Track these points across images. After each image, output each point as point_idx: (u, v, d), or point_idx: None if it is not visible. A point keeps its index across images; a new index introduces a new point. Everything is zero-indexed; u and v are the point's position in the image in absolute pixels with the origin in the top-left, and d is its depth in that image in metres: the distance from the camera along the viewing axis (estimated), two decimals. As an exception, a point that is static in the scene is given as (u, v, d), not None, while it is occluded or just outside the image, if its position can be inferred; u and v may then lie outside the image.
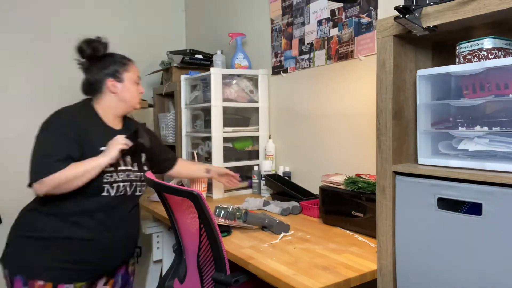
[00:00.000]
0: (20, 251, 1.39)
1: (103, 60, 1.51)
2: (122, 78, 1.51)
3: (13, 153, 2.66)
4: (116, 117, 1.54)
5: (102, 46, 1.51)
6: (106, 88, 1.49)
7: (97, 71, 1.49)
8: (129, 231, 1.52)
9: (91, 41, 1.50)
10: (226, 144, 2.26)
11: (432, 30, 0.90)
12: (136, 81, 1.55)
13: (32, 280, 1.35)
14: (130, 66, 1.55)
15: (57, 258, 1.37)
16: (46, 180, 1.30)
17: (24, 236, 1.40)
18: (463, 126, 0.91)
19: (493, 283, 0.80)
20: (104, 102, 1.50)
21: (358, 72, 1.80)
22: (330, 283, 1.04)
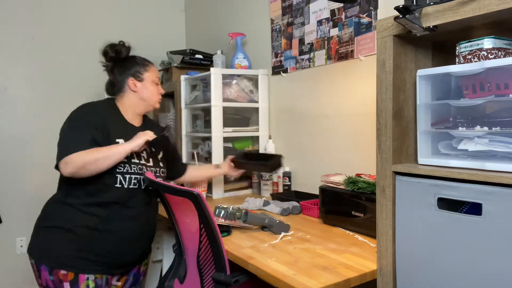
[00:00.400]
0: (45, 241, 1.45)
1: (125, 61, 1.60)
2: (142, 78, 1.60)
3: (13, 153, 2.66)
4: (136, 115, 1.62)
5: (125, 49, 1.61)
6: (127, 87, 1.58)
7: (120, 72, 1.59)
8: (146, 225, 1.56)
9: (114, 45, 1.61)
10: (226, 144, 2.26)
11: (432, 30, 0.90)
12: (155, 82, 1.63)
13: (56, 269, 1.41)
14: (150, 67, 1.63)
15: (78, 248, 1.43)
16: (72, 158, 1.36)
17: (48, 226, 1.47)
18: (463, 126, 0.91)
19: (493, 283, 0.80)
20: (125, 101, 1.59)
21: (358, 72, 1.80)
22: (330, 283, 1.04)
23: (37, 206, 2.68)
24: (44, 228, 1.48)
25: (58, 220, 1.45)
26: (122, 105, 1.59)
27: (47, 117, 2.75)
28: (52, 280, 1.42)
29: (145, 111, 1.64)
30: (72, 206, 1.45)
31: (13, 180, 2.67)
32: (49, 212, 1.50)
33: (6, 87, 2.63)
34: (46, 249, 1.44)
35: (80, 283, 1.42)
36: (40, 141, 2.72)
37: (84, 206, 1.45)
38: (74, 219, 1.44)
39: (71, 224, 1.43)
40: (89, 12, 2.90)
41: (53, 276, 1.42)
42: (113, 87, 1.61)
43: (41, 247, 1.46)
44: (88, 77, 2.88)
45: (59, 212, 1.47)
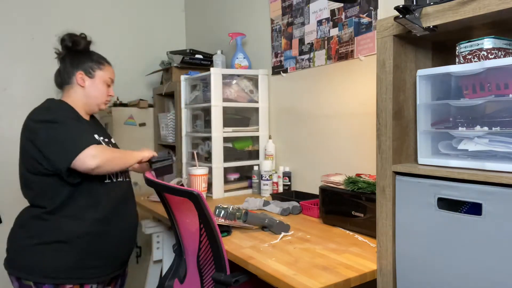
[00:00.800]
0: (44, 259, 1.36)
1: (80, 54, 1.54)
2: (93, 75, 1.54)
3: (13, 153, 2.66)
4: (85, 113, 1.56)
5: (84, 42, 1.55)
6: (74, 80, 1.51)
7: (71, 63, 1.52)
8: (135, 217, 1.59)
9: (73, 34, 1.54)
10: (226, 144, 2.26)
11: (432, 30, 0.90)
12: (107, 82, 1.58)
13: (61, 285, 1.36)
14: (105, 66, 1.58)
15: (79, 257, 1.38)
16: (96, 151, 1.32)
17: (43, 243, 1.37)
18: (463, 126, 0.91)
19: (493, 283, 0.80)
20: (72, 95, 1.52)
21: (358, 72, 1.80)
22: (330, 283, 1.04)
23: (37, 206, 2.70)
24: (42, 245, 1.37)
25: (55, 234, 1.37)
26: (71, 99, 1.51)
27: (47, 117, 2.75)
28: None
29: (89, 110, 1.56)
30: (66, 216, 1.38)
31: (13, 180, 2.67)
32: (38, 227, 1.38)
33: (6, 87, 2.63)
34: (49, 267, 1.35)
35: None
36: (40, 141, 2.72)
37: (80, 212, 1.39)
38: (72, 228, 1.37)
39: (71, 235, 1.37)
40: (89, 12, 2.90)
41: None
42: (61, 78, 1.54)
43: (42, 266, 1.35)
44: (88, 77, 2.88)
45: (53, 226, 1.37)
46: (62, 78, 1.53)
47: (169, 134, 2.77)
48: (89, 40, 1.57)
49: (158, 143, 2.90)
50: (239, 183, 2.35)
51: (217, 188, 2.21)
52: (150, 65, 3.07)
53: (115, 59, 3.28)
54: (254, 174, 2.26)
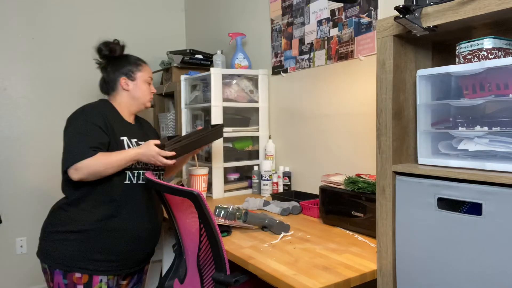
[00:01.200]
0: (58, 246, 1.45)
1: (119, 60, 1.62)
2: (134, 77, 1.62)
3: (13, 153, 2.66)
4: (130, 113, 1.65)
5: (119, 47, 1.63)
6: (119, 86, 1.61)
7: (113, 70, 1.61)
8: (154, 222, 1.59)
9: (109, 42, 1.62)
10: (226, 144, 2.26)
11: (432, 30, 0.90)
12: (148, 81, 1.66)
13: (70, 273, 1.43)
14: (143, 66, 1.66)
15: (92, 250, 1.45)
16: (81, 165, 1.39)
17: (60, 231, 1.46)
18: (463, 126, 0.91)
19: (493, 283, 0.80)
20: (118, 99, 1.62)
21: (358, 72, 1.80)
22: (330, 283, 1.04)
23: (37, 206, 2.71)
24: (56, 233, 1.47)
25: (70, 224, 1.45)
26: (117, 103, 1.61)
27: (47, 117, 2.75)
28: (65, 284, 1.43)
29: (137, 109, 1.66)
30: (82, 209, 1.46)
31: (13, 180, 2.68)
32: (59, 216, 1.49)
33: (6, 87, 2.63)
34: (60, 254, 1.44)
35: (94, 285, 1.44)
36: (40, 141, 2.73)
37: (95, 207, 1.46)
38: (85, 221, 1.45)
39: (84, 227, 1.44)
40: (89, 12, 2.90)
41: (67, 279, 1.43)
42: (106, 85, 1.63)
43: (54, 252, 1.45)
44: (88, 77, 2.88)
45: (70, 216, 1.46)
46: (108, 86, 1.63)
47: (169, 134, 2.77)
48: (123, 44, 1.65)
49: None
50: (239, 183, 2.35)
51: (217, 188, 2.21)
52: (150, 65, 3.05)
53: (115, 59, 3.22)
54: (254, 174, 2.26)
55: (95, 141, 1.44)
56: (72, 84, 2.84)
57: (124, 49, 1.65)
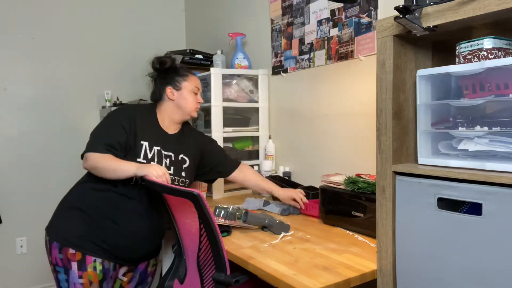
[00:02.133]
0: (60, 220, 1.54)
1: (167, 71, 1.68)
2: (180, 87, 1.66)
3: (13, 153, 2.66)
4: (173, 122, 1.68)
5: (169, 60, 1.68)
6: (165, 95, 1.65)
7: (160, 81, 1.67)
8: (156, 222, 1.60)
9: (160, 57, 1.69)
10: (226, 144, 2.26)
11: (432, 30, 0.90)
12: (194, 91, 1.68)
13: (65, 247, 1.49)
14: (189, 77, 1.69)
15: (90, 231, 1.50)
16: (90, 156, 1.46)
17: (67, 206, 1.56)
18: (463, 126, 0.91)
19: (493, 283, 0.80)
20: (163, 108, 1.67)
21: (358, 72, 1.80)
22: (330, 283, 1.04)
23: (37, 206, 2.70)
24: (63, 207, 1.57)
25: (77, 201, 1.54)
26: (160, 112, 1.66)
27: (47, 117, 2.75)
28: (61, 259, 1.49)
29: (182, 119, 1.68)
30: (92, 189, 1.54)
31: (13, 180, 2.67)
32: (71, 193, 1.59)
33: (6, 87, 2.63)
34: (60, 227, 1.52)
35: (87, 264, 1.49)
36: (40, 141, 2.72)
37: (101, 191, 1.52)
38: (91, 201, 1.52)
39: (87, 206, 1.51)
40: (89, 12, 2.90)
41: (62, 254, 1.49)
42: (155, 96, 1.69)
43: (56, 225, 1.54)
44: (88, 77, 2.88)
45: (79, 194, 1.56)
46: (156, 96, 1.69)
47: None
48: (174, 58, 1.72)
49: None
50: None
51: (217, 188, 2.21)
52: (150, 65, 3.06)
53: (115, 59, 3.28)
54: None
55: (112, 140, 1.50)
56: (72, 84, 2.84)
57: (174, 62, 1.70)
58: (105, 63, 2.96)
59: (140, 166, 1.46)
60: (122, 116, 1.56)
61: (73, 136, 2.81)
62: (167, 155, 1.61)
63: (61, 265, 1.49)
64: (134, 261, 1.61)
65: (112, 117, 1.58)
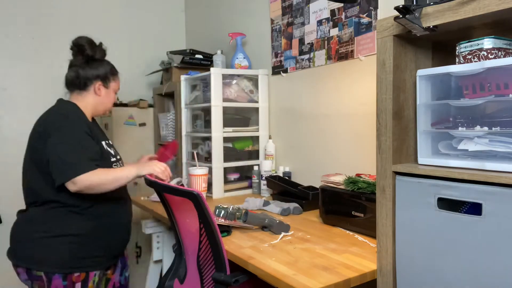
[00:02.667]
0: (53, 251, 1.45)
1: (99, 63, 1.62)
2: (109, 85, 1.65)
3: (13, 153, 2.66)
4: (91, 114, 1.66)
5: (101, 52, 1.65)
6: (92, 88, 1.61)
7: (90, 71, 1.59)
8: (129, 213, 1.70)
9: (94, 44, 1.62)
10: (226, 144, 2.26)
11: (432, 30, 0.90)
12: (116, 91, 1.71)
13: (69, 274, 1.46)
14: (117, 77, 1.70)
15: (85, 249, 1.49)
16: (81, 179, 1.37)
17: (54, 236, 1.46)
18: (463, 126, 0.91)
19: (493, 283, 0.80)
20: (85, 100, 1.61)
21: (358, 72, 1.80)
22: (330, 283, 1.04)
23: (37, 206, 2.70)
24: (50, 238, 1.45)
25: (64, 228, 1.46)
26: (82, 104, 1.59)
27: (47, 117, 2.75)
28: (64, 285, 1.46)
29: (97, 115, 1.69)
30: (74, 213, 1.48)
31: (13, 180, 2.67)
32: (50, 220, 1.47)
33: (6, 87, 2.63)
34: (59, 259, 1.45)
35: (89, 280, 1.51)
36: (40, 141, 2.72)
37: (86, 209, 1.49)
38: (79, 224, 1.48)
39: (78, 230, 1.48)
40: (89, 12, 2.90)
41: (66, 281, 1.46)
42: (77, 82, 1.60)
43: (52, 258, 1.45)
44: (88, 77, 2.88)
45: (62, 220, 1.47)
46: (77, 83, 1.59)
47: (169, 134, 2.77)
48: (105, 49, 1.67)
49: (158, 143, 2.90)
50: (239, 183, 2.35)
51: (217, 188, 2.21)
52: (150, 65, 3.06)
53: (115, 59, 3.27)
54: (254, 174, 2.26)
55: (92, 152, 1.45)
56: (72, 84, 2.84)
57: (105, 55, 1.66)
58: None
59: (140, 167, 1.49)
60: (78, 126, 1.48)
61: (73, 136, 2.81)
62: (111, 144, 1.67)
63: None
64: (120, 253, 1.67)
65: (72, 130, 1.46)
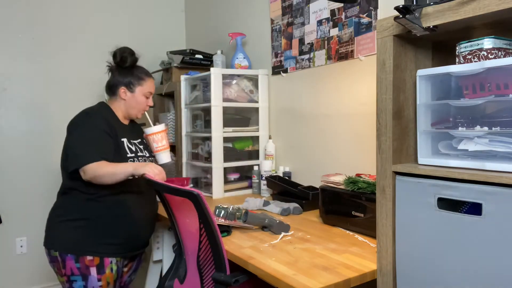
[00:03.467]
0: (69, 233, 1.57)
1: (125, 70, 1.74)
2: (133, 90, 1.75)
3: (13, 153, 2.66)
4: (124, 117, 1.80)
5: (131, 59, 1.75)
6: (118, 93, 1.74)
7: (117, 77, 1.74)
8: (152, 209, 1.76)
9: (124, 51, 1.74)
10: (226, 144, 2.26)
11: (432, 30, 0.90)
12: (146, 95, 1.78)
13: (82, 256, 1.55)
14: (145, 81, 1.77)
15: (99, 234, 1.57)
16: (88, 168, 1.49)
17: (71, 219, 1.58)
18: (463, 126, 0.91)
19: (493, 283, 0.80)
20: (115, 103, 1.77)
21: (358, 72, 1.80)
22: (330, 283, 1.04)
23: (37, 206, 2.71)
24: (67, 221, 1.58)
25: (81, 213, 1.57)
26: (114, 107, 1.76)
27: (47, 117, 2.75)
28: (78, 267, 1.55)
29: (128, 117, 1.80)
30: (92, 200, 1.58)
31: (13, 180, 2.67)
32: (69, 206, 1.60)
33: (6, 87, 2.63)
34: (71, 239, 1.55)
35: (105, 266, 1.57)
36: (40, 141, 2.72)
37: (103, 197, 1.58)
38: (96, 210, 1.58)
39: (94, 215, 1.57)
40: (89, 12, 2.90)
41: (79, 263, 1.54)
42: (108, 89, 1.77)
43: (65, 239, 1.56)
44: (88, 77, 2.88)
45: (80, 206, 1.58)
46: (109, 90, 1.76)
47: (169, 134, 2.77)
48: (136, 57, 1.77)
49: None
50: (239, 183, 2.35)
51: (217, 188, 2.21)
52: (150, 65, 3.06)
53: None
54: (254, 174, 2.26)
55: (102, 147, 1.56)
56: (72, 84, 2.84)
57: (136, 61, 1.76)
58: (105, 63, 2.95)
59: (136, 166, 1.52)
60: (97, 121, 1.62)
61: (73, 136, 2.81)
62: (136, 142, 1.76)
63: (78, 273, 1.55)
64: (141, 247, 1.73)
65: (89, 126, 1.60)
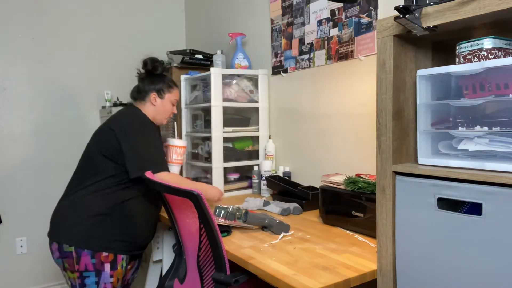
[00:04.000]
0: (86, 229, 1.60)
1: (156, 77, 1.84)
2: (163, 96, 1.84)
3: (13, 153, 2.66)
4: None
5: (161, 67, 1.86)
6: (149, 98, 1.82)
7: (148, 84, 1.83)
8: (157, 210, 1.82)
9: (155, 60, 1.84)
10: (226, 144, 2.26)
11: (432, 30, 0.90)
12: (173, 103, 1.88)
13: (98, 252, 1.58)
14: (174, 89, 1.88)
15: (119, 232, 1.62)
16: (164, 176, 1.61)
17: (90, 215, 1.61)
18: (463, 126, 0.91)
19: (493, 283, 0.80)
20: (146, 109, 1.83)
21: (358, 72, 1.80)
22: (330, 283, 1.04)
23: (37, 206, 2.71)
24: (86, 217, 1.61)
25: (99, 209, 1.61)
26: (144, 111, 1.83)
27: (47, 117, 2.75)
28: (93, 263, 1.58)
29: (157, 123, 1.88)
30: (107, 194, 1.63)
31: (13, 180, 2.67)
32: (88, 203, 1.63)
33: (6, 87, 2.63)
34: (89, 235, 1.59)
35: (118, 263, 1.62)
36: (40, 141, 2.72)
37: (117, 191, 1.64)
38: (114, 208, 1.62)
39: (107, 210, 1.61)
40: (89, 12, 2.90)
41: (95, 259, 1.58)
42: (138, 94, 1.85)
43: (83, 234, 1.59)
44: (88, 77, 2.88)
45: (99, 203, 1.62)
46: (140, 95, 1.84)
47: (169, 134, 2.77)
48: (166, 66, 1.86)
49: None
50: (239, 183, 2.35)
51: (217, 188, 2.21)
52: (150, 65, 3.06)
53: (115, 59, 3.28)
54: (254, 174, 2.26)
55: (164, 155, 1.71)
56: (72, 84, 2.84)
57: (165, 70, 1.87)
58: (105, 63, 2.96)
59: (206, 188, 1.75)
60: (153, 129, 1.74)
61: (72, 136, 2.81)
62: None
63: (93, 269, 1.58)
64: (145, 246, 1.78)
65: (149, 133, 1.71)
